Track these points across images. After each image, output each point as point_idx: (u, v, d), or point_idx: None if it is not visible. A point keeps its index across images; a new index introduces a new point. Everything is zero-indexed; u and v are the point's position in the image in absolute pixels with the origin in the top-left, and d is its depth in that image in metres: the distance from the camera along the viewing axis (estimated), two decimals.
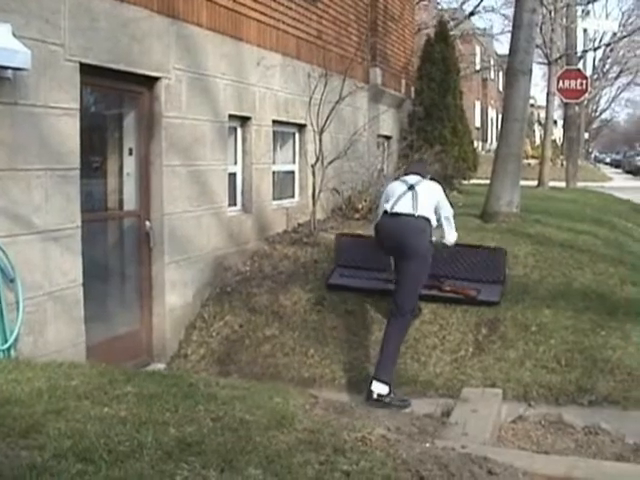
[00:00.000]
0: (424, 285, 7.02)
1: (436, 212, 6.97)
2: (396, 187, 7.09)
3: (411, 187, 6.95)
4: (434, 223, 6.89)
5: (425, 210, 6.80)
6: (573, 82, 21.13)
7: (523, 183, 11.99)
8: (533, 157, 36.08)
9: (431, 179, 7.33)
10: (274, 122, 9.73)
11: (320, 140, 9.80)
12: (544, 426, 5.93)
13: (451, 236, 7.28)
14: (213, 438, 3.46)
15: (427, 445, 4.07)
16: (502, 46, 55.49)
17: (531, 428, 5.90)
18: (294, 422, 3.85)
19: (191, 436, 3.44)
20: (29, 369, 4.49)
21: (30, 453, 3.12)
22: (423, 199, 6.84)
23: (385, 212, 6.97)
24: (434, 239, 6.91)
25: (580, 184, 24.56)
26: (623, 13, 50.06)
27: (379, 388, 6.41)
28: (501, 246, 8.39)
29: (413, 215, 6.75)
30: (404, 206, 6.82)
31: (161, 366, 7.27)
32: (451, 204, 7.26)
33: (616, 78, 51.34)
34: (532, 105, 57.14)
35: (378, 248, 7.16)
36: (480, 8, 30.07)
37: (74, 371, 4.54)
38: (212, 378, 5.42)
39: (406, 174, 7.33)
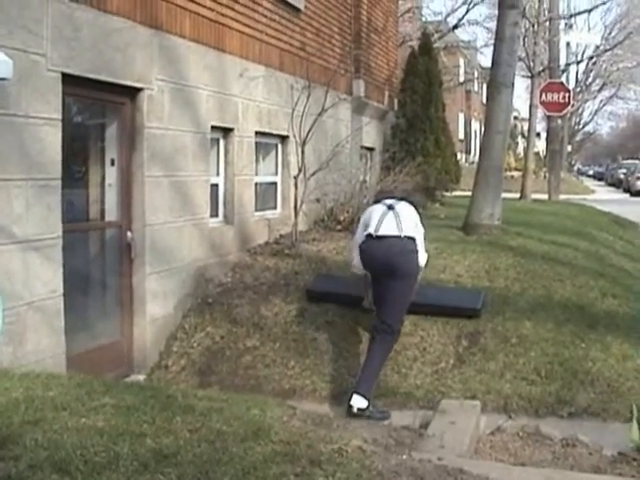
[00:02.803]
0: None
1: None
2: (376, 209, 7.06)
3: (390, 207, 6.97)
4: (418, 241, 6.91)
5: (409, 230, 6.82)
6: (556, 95, 21.25)
7: (506, 195, 12.06)
8: (516, 169, 36.22)
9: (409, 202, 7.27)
10: (257, 133, 9.74)
11: (302, 152, 9.80)
12: (522, 438, 5.96)
13: (422, 258, 7.04)
14: (189, 449, 3.47)
15: (403, 457, 4.08)
16: (486, 59, 55.95)
17: (509, 440, 5.94)
18: (271, 434, 3.86)
19: (167, 447, 3.45)
20: (7, 379, 4.47)
21: (5, 464, 3.12)
22: (405, 219, 6.87)
23: (370, 235, 6.84)
24: None
25: (563, 197, 24.71)
26: (606, 27, 50.43)
27: (358, 402, 6.40)
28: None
29: (399, 237, 6.75)
30: (389, 228, 6.80)
31: (141, 377, 7.25)
32: (423, 225, 7.20)
33: (599, 91, 51.79)
34: (515, 117, 57.58)
35: (365, 269, 7.08)
36: (464, 21, 30.48)
37: (52, 382, 4.54)
38: (190, 390, 5.44)
39: (384, 198, 7.32)
